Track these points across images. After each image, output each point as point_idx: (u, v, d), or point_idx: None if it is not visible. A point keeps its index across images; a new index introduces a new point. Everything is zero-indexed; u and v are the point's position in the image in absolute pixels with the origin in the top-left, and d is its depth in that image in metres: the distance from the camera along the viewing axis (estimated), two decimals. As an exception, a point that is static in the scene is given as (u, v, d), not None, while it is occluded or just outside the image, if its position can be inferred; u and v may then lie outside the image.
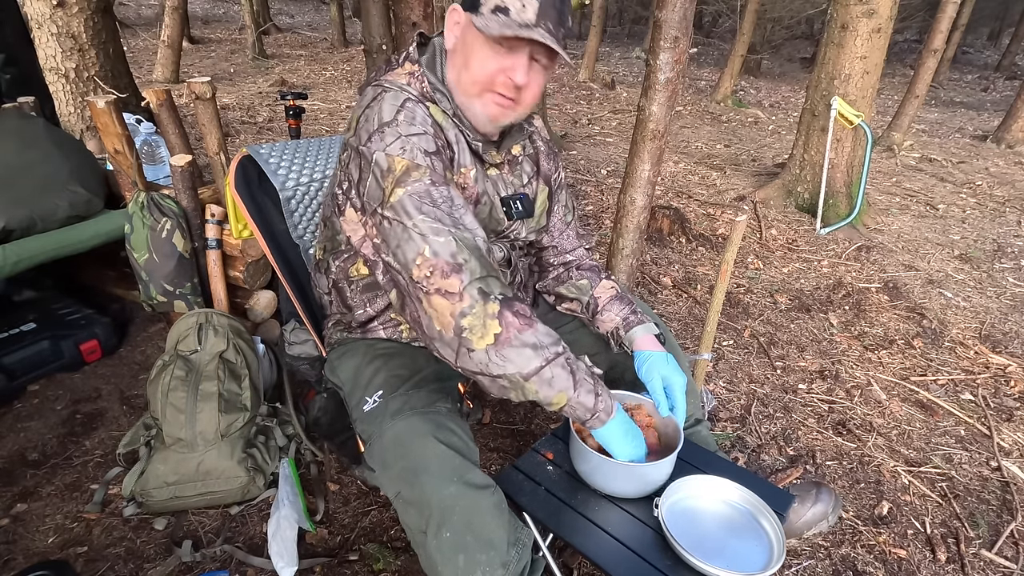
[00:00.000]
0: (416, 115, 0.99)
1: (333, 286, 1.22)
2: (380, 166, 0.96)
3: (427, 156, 0.96)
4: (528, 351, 0.90)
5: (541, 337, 0.92)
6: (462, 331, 0.89)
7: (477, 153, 1.11)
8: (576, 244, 1.36)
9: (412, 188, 0.93)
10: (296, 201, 1.41)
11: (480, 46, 0.99)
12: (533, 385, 0.91)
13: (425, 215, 0.92)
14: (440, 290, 0.90)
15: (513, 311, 0.91)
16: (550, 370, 0.91)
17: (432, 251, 0.91)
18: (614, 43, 13.23)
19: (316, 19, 12.68)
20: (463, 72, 1.02)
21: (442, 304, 0.90)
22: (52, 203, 1.78)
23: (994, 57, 15.10)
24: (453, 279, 0.90)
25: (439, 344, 0.93)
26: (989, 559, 1.52)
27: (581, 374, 0.95)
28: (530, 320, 0.92)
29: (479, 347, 0.89)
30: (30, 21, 3.05)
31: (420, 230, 0.92)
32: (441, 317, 0.90)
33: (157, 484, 1.43)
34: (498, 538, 0.93)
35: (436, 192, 0.94)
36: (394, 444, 0.99)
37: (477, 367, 0.90)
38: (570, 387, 0.93)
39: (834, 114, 3.60)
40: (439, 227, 0.92)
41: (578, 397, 0.94)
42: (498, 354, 0.89)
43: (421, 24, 2.55)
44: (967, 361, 2.41)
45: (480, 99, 1.03)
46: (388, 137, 0.96)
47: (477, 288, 0.90)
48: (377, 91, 1.02)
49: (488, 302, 0.89)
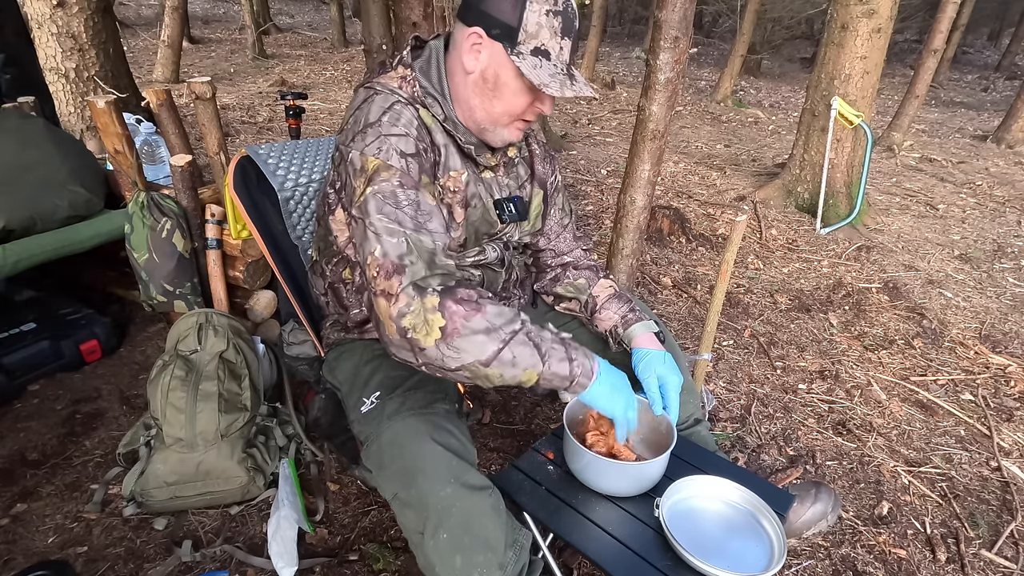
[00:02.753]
0: (402, 117, 0.99)
1: (329, 287, 1.22)
2: (354, 165, 0.97)
3: (403, 157, 0.96)
4: (480, 337, 0.87)
5: (492, 319, 0.88)
6: (406, 332, 0.87)
7: (469, 155, 1.10)
8: (573, 246, 1.35)
9: (378, 187, 0.93)
10: (295, 202, 1.40)
11: (514, 81, 1.00)
12: (496, 369, 0.88)
13: (384, 215, 0.92)
14: (383, 291, 0.89)
15: (455, 299, 0.88)
16: (510, 350, 0.88)
17: (382, 251, 0.90)
18: (614, 43, 13.23)
19: (316, 19, 12.68)
20: (495, 102, 1.03)
21: (383, 306, 0.89)
22: (52, 203, 1.78)
23: (994, 57, 15.10)
24: (393, 280, 0.88)
25: (395, 349, 0.91)
26: (989, 559, 1.52)
27: (548, 344, 0.92)
28: (476, 304, 0.89)
29: (428, 344, 0.86)
30: (30, 21, 3.05)
31: (376, 229, 0.91)
32: (384, 319, 0.89)
33: (157, 484, 1.43)
34: (495, 539, 0.92)
35: (402, 194, 0.94)
36: (391, 445, 0.99)
37: (435, 364, 0.88)
38: (537, 362, 0.90)
39: (834, 114, 3.60)
40: (395, 228, 0.91)
41: (550, 368, 0.91)
42: (449, 347, 0.86)
43: (421, 24, 2.55)
44: (967, 361, 2.41)
45: (509, 127, 1.07)
46: (369, 137, 0.97)
47: (413, 285, 0.88)
48: (368, 93, 1.03)
49: (425, 296, 0.87)
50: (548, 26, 0.98)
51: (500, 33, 0.98)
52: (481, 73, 1.01)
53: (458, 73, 1.04)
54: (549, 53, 0.99)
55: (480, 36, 0.99)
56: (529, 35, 0.97)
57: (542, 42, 0.98)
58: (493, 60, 1.00)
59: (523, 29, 0.97)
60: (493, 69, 1.00)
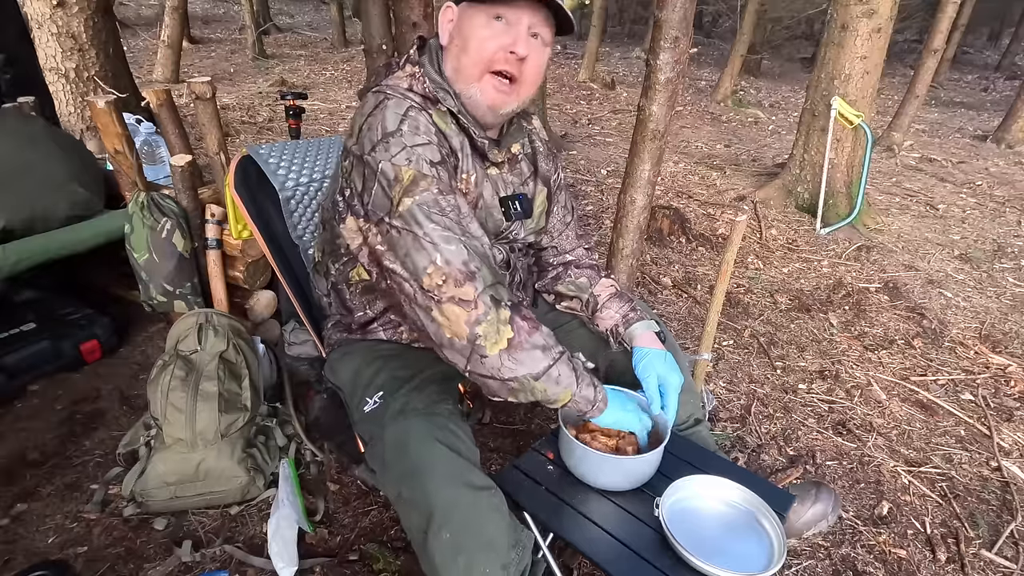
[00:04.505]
0: (420, 124, 0.99)
1: (332, 288, 1.22)
2: (387, 176, 0.96)
3: (432, 166, 0.97)
4: (538, 352, 0.94)
5: (547, 339, 0.96)
6: (476, 338, 0.91)
7: (481, 151, 1.10)
8: (575, 244, 1.36)
9: (421, 198, 0.95)
10: (296, 201, 1.41)
11: (478, 26, 1.00)
12: (542, 384, 0.95)
13: (436, 224, 0.94)
14: (454, 298, 0.92)
15: (521, 316, 0.95)
16: (557, 368, 0.95)
17: (444, 260, 0.93)
18: (614, 43, 13.22)
19: (316, 19, 12.67)
20: (462, 56, 1.03)
21: (456, 312, 0.92)
22: (52, 203, 1.78)
23: (994, 57, 15.09)
24: (467, 287, 0.92)
25: (448, 351, 0.95)
26: (989, 559, 1.52)
27: (580, 370, 1.00)
28: (536, 323, 0.96)
29: (492, 352, 0.92)
30: (30, 21, 3.05)
31: (432, 239, 0.93)
32: (454, 325, 0.92)
33: (157, 484, 1.43)
34: (498, 539, 0.93)
35: (444, 201, 0.96)
36: (395, 445, 0.99)
37: (489, 371, 0.93)
38: (573, 383, 0.98)
39: (834, 114, 3.60)
40: (450, 235, 0.94)
41: (581, 392, 0.99)
42: (511, 358, 0.92)
43: (421, 24, 2.55)
44: (967, 361, 2.41)
45: (480, 83, 1.03)
46: (393, 147, 0.97)
47: (489, 296, 0.93)
48: (379, 98, 1.01)
49: (500, 308, 0.93)
50: None
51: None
52: (453, 36, 1.05)
53: (446, 53, 1.07)
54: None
55: (449, 7, 1.05)
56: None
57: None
58: (460, 19, 1.04)
59: None
60: (459, 26, 1.04)
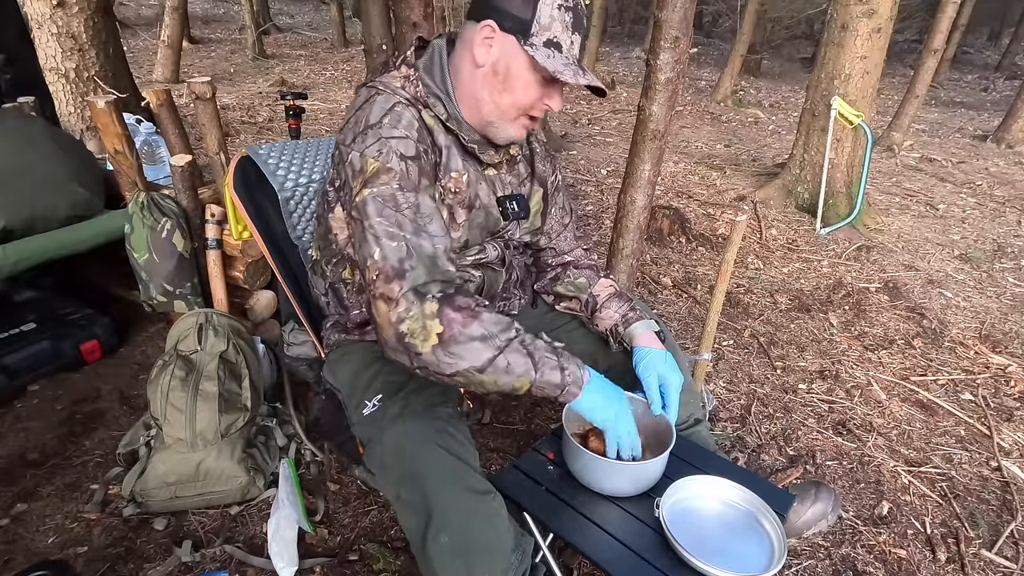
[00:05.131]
0: (402, 119, 1.00)
1: (330, 287, 1.22)
2: (354, 166, 0.97)
3: (403, 160, 0.96)
4: (476, 344, 0.88)
5: (489, 327, 0.90)
6: (403, 337, 0.88)
7: (473, 154, 1.11)
8: (574, 245, 1.36)
9: (377, 190, 0.94)
10: (295, 202, 1.40)
11: (526, 73, 1.01)
12: (490, 376, 0.89)
13: (384, 218, 0.93)
14: (383, 295, 0.90)
15: (454, 306, 0.89)
16: (504, 358, 0.89)
17: (382, 255, 0.91)
18: (614, 43, 13.21)
19: (316, 19, 12.68)
20: (503, 94, 1.03)
21: (382, 309, 0.90)
22: (52, 203, 1.78)
23: (994, 57, 15.08)
24: (394, 284, 0.89)
25: (390, 351, 0.92)
26: (989, 559, 1.52)
27: (541, 353, 0.93)
28: (473, 311, 0.90)
29: (425, 350, 0.88)
30: (30, 21, 3.05)
31: (375, 232, 0.92)
32: (383, 323, 0.90)
33: (157, 484, 1.43)
34: (497, 544, 0.92)
35: (401, 197, 0.94)
36: (394, 449, 0.98)
37: (429, 369, 0.90)
38: (530, 369, 0.91)
39: (834, 114, 3.60)
40: (395, 232, 0.92)
41: (542, 377, 0.92)
42: (446, 353, 0.88)
43: (421, 24, 2.55)
44: (967, 361, 2.41)
45: (515, 122, 1.07)
46: (369, 139, 0.97)
47: (413, 291, 0.89)
48: (370, 93, 1.03)
49: (425, 302, 0.88)
50: (560, 20, 0.99)
51: (513, 26, 0.99)
52: (492, 66, 1.02)
53: (465, 68, 1.04)
54: (560, 46, 1.00)
55: (493, 29, 1.00)
56: (542, 27, 0.98)
57: (554, 35, 0.99)
58: (505, 52, 1.00)
59: (536, 21, 0.98)
60: (504, 61, 1.01)
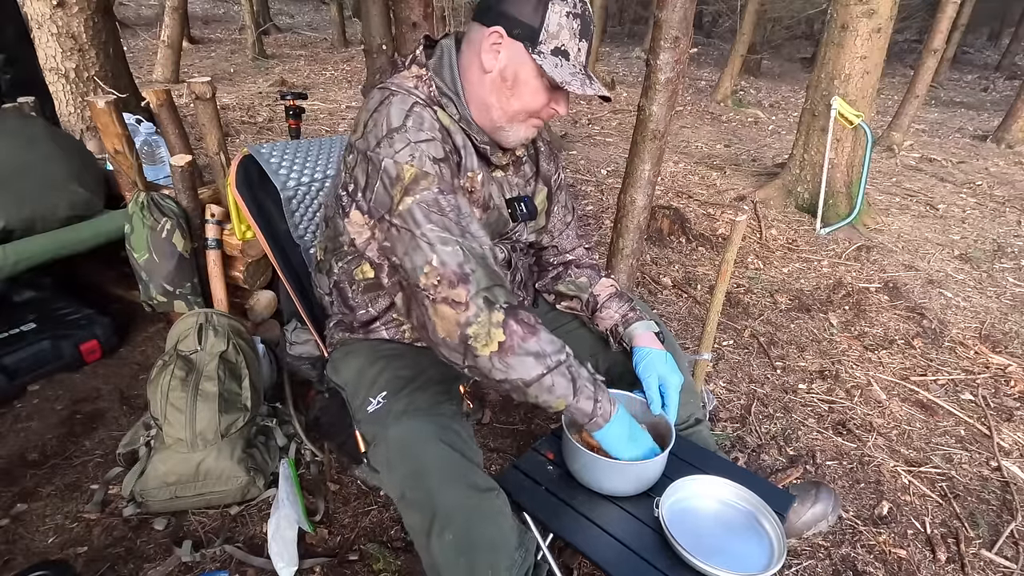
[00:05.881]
0: (424, 120, 1.00)
1: (334, 287, 1.22)
2: (389, 173, 0.96)
3: (435, 164, 0.97)
4: (530, 359, 0.92)
5: (544, 346, 0.94)
6: (467, 339, 0.91)
7: (484, 156, 1.11)
8: (576, 244, 1.36)
9: (421, 196, 0.94)
10: (297, 201, 1.40)
11: (534, 80, 1.02)
12: (533, 391, 0.94)
13: (433, 224, 0.94)
14: (447, 299, 0.92)
15: (517, 319, 0.93)
16: (551, 378, 0.93)
17: (440, 260, 0.92)
18: (614, 43, 13.21)
19: (316, 19, 12.68)
20: (512, 100, 1.04)
21: (448, 313, 0.92)
22: (52, 203, 1.78)
23: (994, 57, 15.08)
24: (460, 289, 0.91)
25: (444, 349, 0.95)
26: (989, 559, 1.52)
27: (582, 381, 0.97)
28: (534, 328, 0.94)
29: (483, 354, 0.91)
30: (30, 21, 3.04)
31: (428, 239, 0.93)
32: (447, 325, 0.92)
33: (157, 484, 1.43)
34: (501, 541, 0.93)
35: (444, 201, 0.96)
36: (398, 446, 0.99)
37: (482, 371, 0.93)
38: (570, 394, 0.95)
39: (834, 114, 3.60)
40: (447, 236, 0.94)
41: (577, 403, 0.96)
42: (501, 361, 0.91)
43: (421, 24, 2.55)
44: (967, 361, 2.41)
45: (524, 124, 1.08)
46: (397, 143, 0.97)
47: (483, 298, 0.92)
48: (384, 94, 1.02)
49: (493, 311, 0.91)
50: (568, 27, 1.00)
51: (521, 33, 0.99)
52: (500, 72, 1.02)
53: (473, 72, 1.04)
54: (568, 54, 1.01)
55: (501, 35, 1.00)
56: (550, 35, 0.99)
57: (562, 43, 1.00)
58: (513, 59, 1.01)
59: (544, 29, 0.99)
60: (513, 68, 1.01)
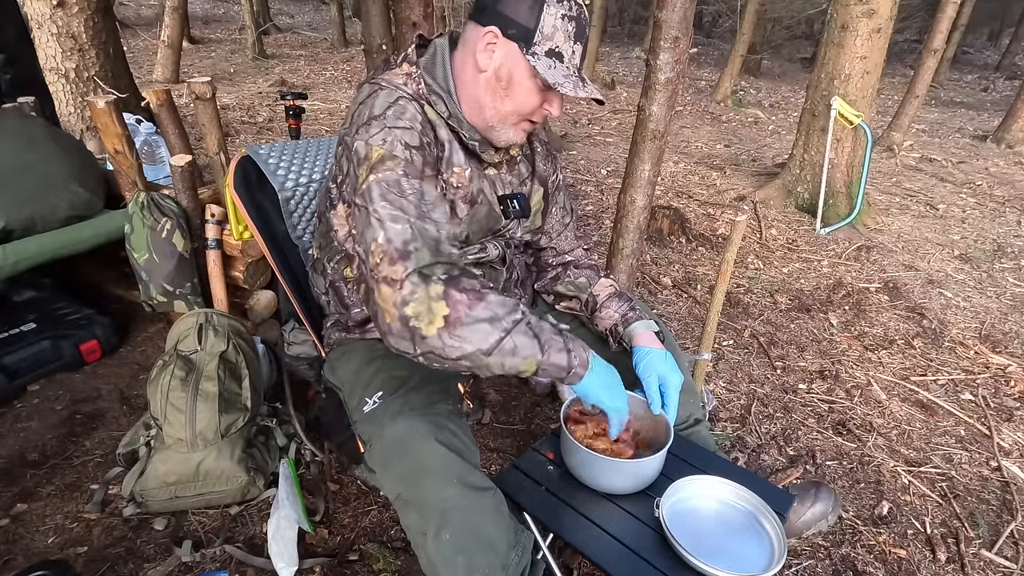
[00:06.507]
0: (406, 111, 1.00)
1: (330, 286, 1.22)
2: (358, 154, 0.97)
3: (407, 149, 0.97)
4: (484, 325, 0.87)
5: (495, 309, 0.88)
6: (408, 320, 0.86)
7: (474, 152, 1.11)
8: (574, 245, 1.36)
9: (382, 176, 0.93)
10: (295, 202, 1.40)
11: (527, 81, 1.02)
12: (497, 358, 0.88)
13: (388, 202, 0.92)
14: (386, 278, 0.88)
15: (459, 288, 0.88)
16: (511, 340, 0.88)
17: (386, 238, 0.89)
18: (614, 43, 13.21)
19: (316, 19, 12.68)
20: (505, 100, 1.04)
21: (386, 293, 0.87)
22: (52, 203, 1.78)
23: (994, 57, 15.08)
24: (398, 266, 0.87)
25: (393, 339, 0.89)
26: (989, 559, 1.52)
27: (547, 335, 0.92)
28: (479, 293, 0.89)
29: (430, 333, 0.85)
30: (30, 21, 3.04)
31: (379, 216, 0.91)
32: (387, 307, 0.88)
33: (157, 484, 1.43)
34: (498, 540, 0.93)
35: (406, 183, 0.94)
36: (395, 445, 0.99)
37: (436, 353, 0.87)
38: (537, 351, 0.90)
39: (834, 114, 3.60)
40: (398, 215, 0.91)
41: (548, 359, 0.91)
42: (452, 335, 0.85)
43: (421, 24, 2.55)
44: (967, 361, 2.41)
45: (516, 127, 1.08)
46: (373, 128, 0.98)
47: (418, 273, 0.87)
48: (373, 88, 1.03)
49: (429, 284, 0.86)
50: (563, 29, 1.00)
51: (516, 33, 0.99)
52: (494, 72, 1.03)
53: (468, 71, 1.05)
54: (562, 56, 1.01)
55: (496, 35, 1.00)
56: (545, 36, 0.99)
57: (556, 44, 1.00)
58: (508, 59, 1.01)
59: (539, 31, 0.99)
60: (507, 68, 1.02)
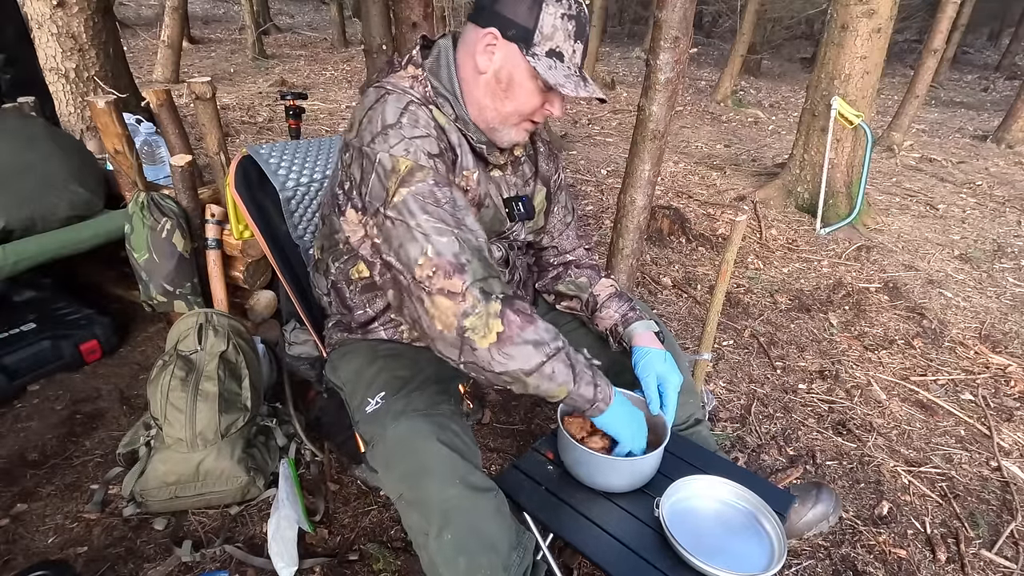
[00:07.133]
0: (419, 118, 1.00)
1: (332, 287, 1.22)
2: (384, 166, 0.96)
3: (430, 158, 0.97)
4: (530, 348, 0.92)
5: (542, 334, 0.94)
6: (464, 331, 0.90)
7: (480, 155, 1.11)
8: (576, 244, 1.36)
9: (416, 188, 0.94)
10: (296, 201, 1.40)
11: (528, 81, 1.02)
12: (535, 380, 0.93)
13: (429, 215, 0.93)
14: (443, 290, 0.91)
15: (514, 309, 0.92)
16: (551, 365, 0.93)
17: (435, 251, 0.92)
18: (614, 43, 13.21)
19: (316, 19, 12.67)
20: (506, 101, 1.04)
21: (445, 304, 0.91)
22: (52, 203, 1.78)
23: (994, 57, 15.08)
24: (456, 279, 0.91)
25: (441, 344, 0.94)
26: (989, 559, 1.52)
27: (580, 366, 0.97)
28: (531, 317, 0.94)
29: (482, 346, 0.90)
30: (30, 21, 3.04)
31: (423, 230, 0.93)
32: (444, 317, 0.91)
33: (157, 484, 1.43)
34: (500, 541, 0.93)
35: (440, 192, 0.95)
36: (397, 446, 0.99)
37: (480, 365, 0.92)
38: (570, 381, 0.95)
39: (834, 114, 3.60)
40: (442, 227, 0.93)
41: (578, 389, 0.97)
42: (500, 352, 0.90)
43: (421, 24, 2.55)
44: (967, 361, 2.41)
45: (517, 127, 1.08)
46: (392, 139, 0.97)
47: (479, 288, 0.91)
48: (380, 93, 1.02)
49: (490, 302, 0.91)
50: (563, 29, 1.00)
51: (515, 34, 0.99)
52: (494, 73, 1.02)
53: (469, 72, 1.05)
54: (563, 55, 1.01)
55: (495, 37, 1.00)
56: (544, 37, 0.99)
57: (556, 44, 1.00)
58: (507, 60, 1.01)
59: (539, 31, 0.99)
60: (507, 69, 1.02)
